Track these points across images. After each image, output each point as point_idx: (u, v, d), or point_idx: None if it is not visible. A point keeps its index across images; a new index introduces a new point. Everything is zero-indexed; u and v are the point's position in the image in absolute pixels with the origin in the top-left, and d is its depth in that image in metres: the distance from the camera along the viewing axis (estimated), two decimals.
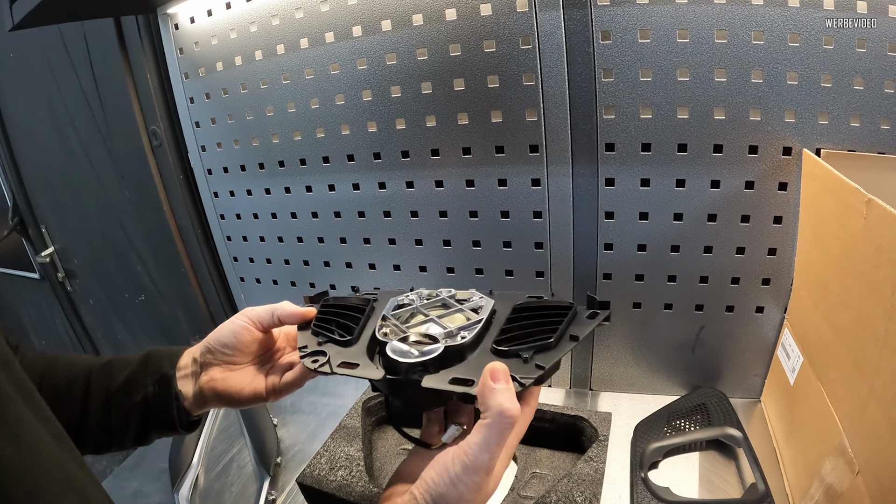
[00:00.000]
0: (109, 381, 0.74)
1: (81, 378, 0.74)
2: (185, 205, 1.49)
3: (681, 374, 1.09)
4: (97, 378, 0.74)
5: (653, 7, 0.83)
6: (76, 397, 0.73)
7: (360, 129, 1.09)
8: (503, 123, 0.98)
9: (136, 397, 0.72)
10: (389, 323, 0.66)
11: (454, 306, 0.68)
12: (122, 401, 0.73)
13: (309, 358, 0.64)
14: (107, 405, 0.73)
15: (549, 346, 0.55)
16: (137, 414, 0.73)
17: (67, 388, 0.73)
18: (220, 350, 0.72)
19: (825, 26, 0.77)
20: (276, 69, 1.13)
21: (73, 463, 0.50)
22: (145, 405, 0.72)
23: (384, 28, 0.98)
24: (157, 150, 1.48)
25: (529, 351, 0.55)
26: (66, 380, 0.74)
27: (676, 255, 0.99)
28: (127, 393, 0.73)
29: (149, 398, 0.72)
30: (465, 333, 0.59)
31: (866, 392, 0.63)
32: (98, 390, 0.74)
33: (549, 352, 0.55)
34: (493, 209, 1.06)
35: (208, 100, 1.26)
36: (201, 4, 1.18)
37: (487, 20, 0.91)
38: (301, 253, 1.31)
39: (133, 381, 0.73)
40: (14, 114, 1.98)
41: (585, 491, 0.81)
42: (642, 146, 0.92)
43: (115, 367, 0.75)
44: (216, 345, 0.72)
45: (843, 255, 0.70)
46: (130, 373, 0.74)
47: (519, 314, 0.63)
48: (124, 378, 0.73)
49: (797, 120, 0.83)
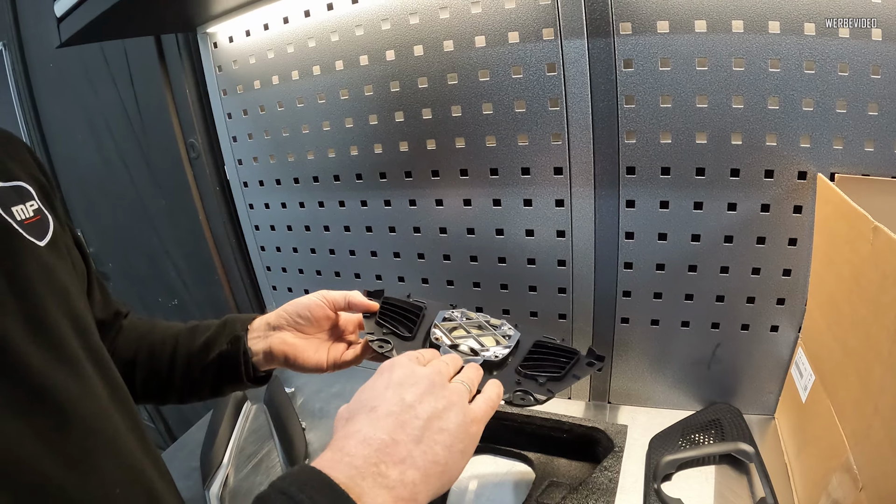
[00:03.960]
0: (192, 342, 0.88)
1: (171, 339, 0.89)
2: (221, 215, 1.56)
3: (697, 389, 1.11)
4: (183, 339, 0.89)
5: (673, 36, 0.87)
6: (167, 354, 0.88)
7: (391, 149, 1.15)
8: (529, 146, 1.02)
9: (212, 354, 0.86)
10: (440, 330, 0.81)
11: (488, 329, 0.84)
12: (202, 357, 0.87)
13: (377, 342, 0.80)
14: (189, 361, 0.87)
15: (558, 377, 0.77)
16: (213, 368, 0.86)
17: (161, 347, 0.88)
18: (294, 318, 0.86)
19: (840, 53, 0.80)
20: (312, 89, 1.19)
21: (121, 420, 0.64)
22: (220, 361, 0.86)
23: (416, 53, 1.04)
24: (194, 161, 1.55)
25: (544, 378, 0.76)
26: (160, 340, 0.89)
27: (694, 274, 1.02)
28: (206, 351, 0.87)
29: (223, 355, 0.86)
30: (499, 353, 0.77)
31: (871, 411, 0.65)
32: (183, 349, 0.88)
33: (557, 382, 0.76)
34: (519, 227, 1.11)
35: (246, 116, 1.33)
36: (240, 25, 1.24)
37: (515, 48, 0.96)
38: (333, 265, 1.37)
39: (211, 341, 0.87)
40: (52, 122, 2.07)
41: (600, 500, 0.85)
42: (662, 170, 0.96)
43: (198, 330, 0.90)
44: (292, 313, 0.86)
45: (853, 279, 0.72)
46: (209, 334, 0.88)
47: (539, 349, 0.82)
48: (204, 339, 0.87)
49: (812, 145, 0.86)
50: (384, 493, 0.47)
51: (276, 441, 1.22)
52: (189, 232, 1.74)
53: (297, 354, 0.84)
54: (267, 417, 1.31)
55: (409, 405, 0.55)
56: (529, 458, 1.03)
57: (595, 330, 1.13)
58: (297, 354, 0.84)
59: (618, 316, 1.10)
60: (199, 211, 1.63)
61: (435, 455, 0.52)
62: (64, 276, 0.67)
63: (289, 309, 0.86)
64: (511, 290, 1.17)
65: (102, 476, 0.58)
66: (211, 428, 1.27)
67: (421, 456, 0.51)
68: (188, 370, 0.87)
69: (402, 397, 0.56)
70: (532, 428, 1.05)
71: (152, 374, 0.87)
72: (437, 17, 1.00)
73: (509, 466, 1.04)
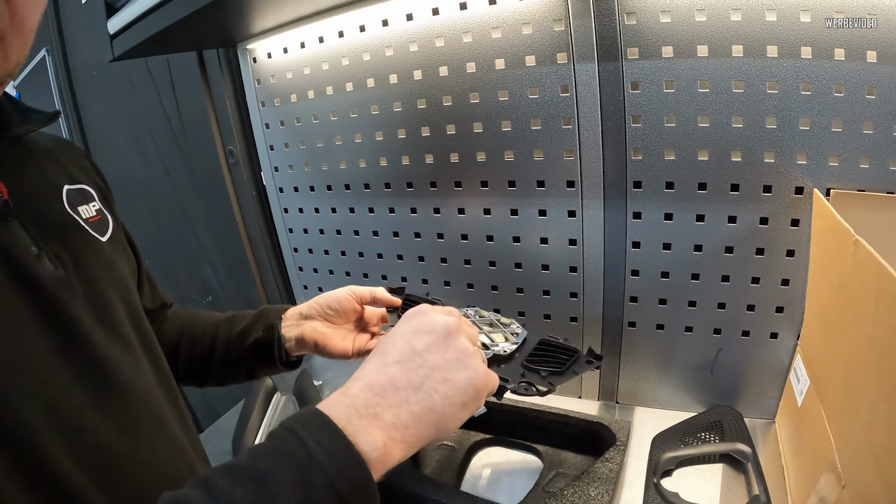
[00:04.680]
0: (231, 329, 0.97)
1: (212, 327, 0.98)
2: (257, 218, 1.65)
3: (700, 392, 1.14)
4: (223, 327, 0.98)
5: (677, 60, 0.92)
6: (207, 340, 0.97)
7: (418, 161, 1.22)
8: (544, 161, 1.08)
9: (249, 340, 0.94)
10: None
11: (499, 326, 0.90)
12: (239, 343, 0.95)
13: None
14: (228, 346, 0.96)
15: (559, 372, 0.82)
16: (249, 353, 0.95)
17: (202, 334, 0.97)
18: (324, 309, 0.93)
19: (835, 76, 0.83)
20: (345, 104, 1.27)
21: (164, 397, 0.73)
22: (255, 346, 0.94)
23: (441, 73, 1.11)
24: (232, 167, 1.64)
25: (546, 372, 0.82)
26: (202, 328, 0.98)
27: (696, 282, 1.05)
28: (243, 337, 0.95)
29: (258, 341, 0.94)
30: (506, 348, 0.83)
31: (853, 413, 0.69)
32: (222, 336, 0.97)
33: (557, 376, 0.82)
34: (534, 236, 1.17)
35: (282, 126, 1.41)
36: (278, 43, 1.33)
37: (531, 70, 1.02)
38: (361, 267, 1.45)
39: (248, 329, 0.95)
40: (95, 125, 2.17)
41: (599, 487, 0.90)
42: (666, 184, 1.00)
43: (236, 319, 0.99)
44: (322, 305, 0.93)
45: (839, 288, 0.76)
46: (247, 323, 0.96)
47: (543, 346, 0.87)
48: (242, 327, 0.96)
49: (809, 162, 0.89)
50: (377, 432, 0.50)
51: None
52: (225, 233, 1.83)
53: (326, 342, 0.91)
54: (296, 407, 1.39)
55: (417, 353, 0.57)
56: (538, 450, 1.08)
57: (604, 333, 1.17)
58: (326, 342, 0.91)
59: (625, 320, 1.15)
60: (236, 214, 1.71)
61: (432, 403, 0.54)
62: (122, 269, 0.76)
63: (320, 301, 0.94)
64: (526, 294, 1.23)
65: (149, 443, 0.66)
66: (243, 415, 1.35)
67: (417, 402, 0.54)
68: (227, 355, 0.96)
69: (413, 346, 0.58)
70: (542, 422, 1.10)
71: (194, 358, 0.96)
72: (461, 41, 1.07)
73: (519, 457, 1.10)
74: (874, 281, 0.62)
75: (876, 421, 0.62)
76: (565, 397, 1.24)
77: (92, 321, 0.64)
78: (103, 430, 0.61)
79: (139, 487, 0.63)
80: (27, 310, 0.57)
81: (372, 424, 0.51)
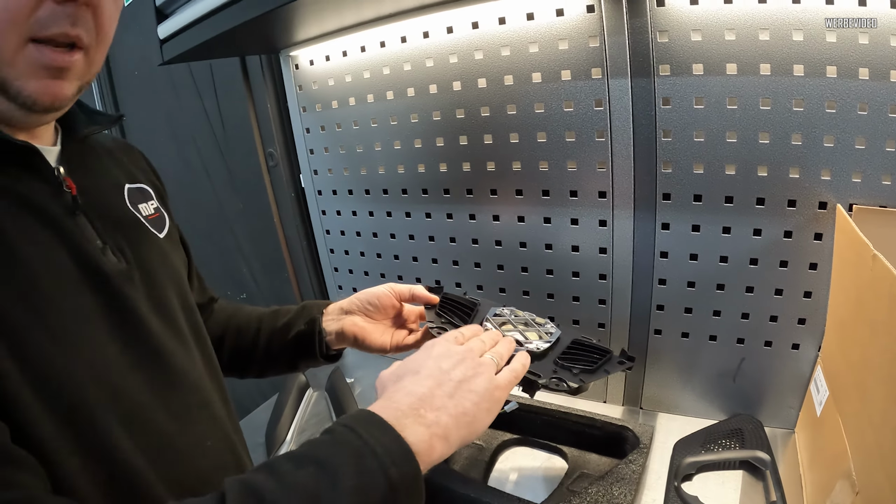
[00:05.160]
0: (274, 323, 1.03)
1: (255, 320, 1.04)
2: (294, 219, 1.72)
3: (722, 400, 1.17)
4: (266, 320, 1.04)
5: (707, 77, 0.96)
6: (251, 333, 1.03)
7: (455, 168, 1.28)
8: (577, 172, 1.13)
9: (291, 333, 1.00)
10: (491, 324, 0.93)
11: (533, 325, 0.95)
12: (282, 336, 1.01)
13: (436, 329, 0.92)
14: (270, 339, 1.02)
15: (590, 370, 0.86)
16: (291, 346, 1.01)
17: (246, 326, 1.03)
18: (364, 304, 0.99)
19: (859, 94, 0.86)
20: (385, 111, 1.33)
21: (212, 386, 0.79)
22: (297, 339, 1.00)
23: (480, 85, 1.17)
24: (272, 170, 1.71)
25: (578, 369, 0.86)
26: (246, 321, 1.04)
27: (721, 292, 1.08)
28: (286, 330, 1.01)
29: (300, 334, 1.00)
30: (540, 345, 0.88)
31: (867, 422, 0.71)
32: (266, 329, 1.03)
33: (589, 374, 0.86)
34: (566, 244, 1.21)
35: (323, 131, 1.49)
36: (320, 51, 1.40)
37: (567, 84, 1.07)
38: (396, 269, 1.51)
39: (290, 322, 1.01)
40: (134, 124, 2.24)
41: (622, 488, 0.94)
42: (694, 196, 1.03)
43: (279, 313, 1.05)
44: (363, 300, 0.99)
45: (857, 301, 0.78)
46: (289, 317, 1.02)
47: (576, 346, 0.92)
48: (285, 321, 1.02)
49: (832, 178, 0.92)
50: (422, 429, 0.59)
51: None
52: (262, 232, 1.89)
53: (366, 336, 0.97)
54: (327, 403, 1.45)
55: (444, 371, 0.67)
56: (564, 451, 1.12)
57: (630, 339, 1.20)
58: (366, 336, 0.97)
59: (651, 327, 1.18)
60: (274, 214, 1.78)
61: (464, 408, 0.63)
62: (177, 264, 0.83)
63: (360, 296, 0.99)
64: (556, 300, 1.27)
65: (198, 429, 0.73)
66: (276, 409, 1.43)
67: (453, 407, 0.63)
68: (269, 347, 1.01)
69: (440, 365, 0.68)
70: (568, 424, 1.14)
71: (238, 349, 1.02)
72: (499, 55, 1.13)
73: (545, 458, 1.14)
74: (889, 294, 0.66)
75: (886, 427, 0.65)
76: (590, 401, 1.28)
77: (150, 312, 0.70)
78: (158, 414, 0.66)
79: (188, 471, 0.69)
80: (94, 299, 0.63)
81: (416, 423, 0.59)
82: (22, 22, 0.53)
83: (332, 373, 1.50)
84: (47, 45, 0.56)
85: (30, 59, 0.56)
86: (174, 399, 0.70)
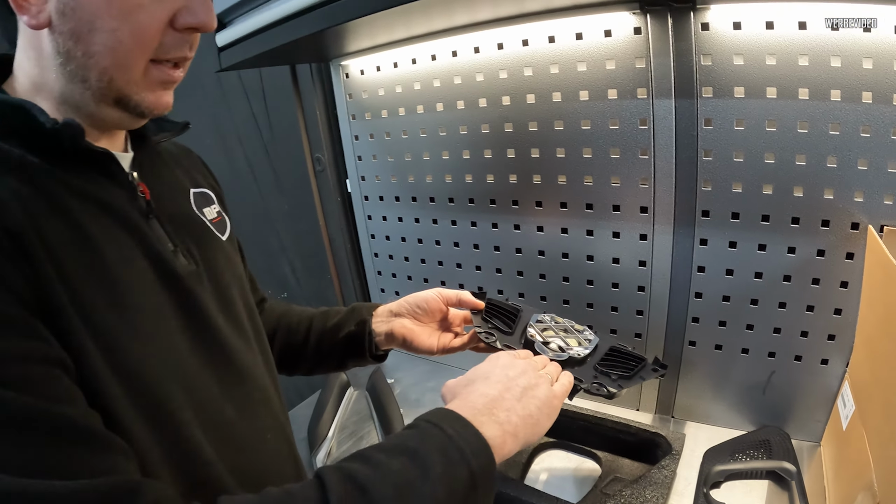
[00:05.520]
0: (325, 323, 1.08)
1: (306, 320, 1.10)
2: (339, 222, 1.79)
3: (751, 411, 1.20)
4: (317, 320, 1.09)
5: (747, 100, 1.00)
6: (302, 332, 1.08)
7: (502, 180, 1.34)
8: (620, 187, 1.18)
9: (341, 334, 1.06)
10: (534, 329, 0.99)
11: (573, 332, 1.01)
12: (331, 336, 1.07)
13: (483, 333, 0.98)
14: (320, 339, 1.07)
15: (627, 377, 0.92)
16: (340, 346, 1.06)
17: (297, 325, 1.09)
18: (413, 307, 1.04)
19: (893, 120, 0.89)
20: (435, 122, 1.40)
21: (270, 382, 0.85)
22: (347, 340, 1.05)
23: (528, 101, 1.23)
24: (319, 174, 1.78)
25: (615, 375, 0.92)
26: (297, 320, 1.10)
27: (755, 307, 1.11)
28: (336, 331, 1.06)
29: (350, 334, 1.05)
30: (581, 352, 0.94)
31: (889, 435, 0.75)
32: (316, 328, 1.08)
33: (626, 380, 0.91)
34: (607, 256, 1.26)
35: (371, 139, 1.56)
36: (371, 61, 1.47)
37: (613, 103, 1.12)
38: (440, 274, 1.58)
39: (341, 323, 1.07)
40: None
41: (654, 492, 0.98)
42: (732, 214, 1.07)
43: (329, 314, 1.10)
44: (412, 303, 1.04)
45: (886, 319, 0.82)
46: (340, 318, 1.08)
47: (613, 353, 0.97)
48: (335, 321, 1.07)
49: (865, 200, 0.95)
50: (496, 426, 0.66)
51: (376, 422, 1.41)
52: (306, 234, 1.96)
53: (414, 338, 1.01)
54: (368, 402, 1.51)
55: (511, 378, 0.74)
56: (598, 455, 1.17)
57: (666, 349, 1.24)
58: (414, 338, 1.01)
59: (686, 339, 1.22)
60: (319, 217, 1.85)
61: (529, 411, 0.71)
62: (238, 265, 0.90)
63: (409, 300, 1.04)
64: (596, 309, 1.32)
65: (260, 423, 0.79)
66: (318, 406, 1.49)
67: (521, 409, 0.70)
68: (319, 346, 1.07)
69: (507, 374, 0.75)
70: (603, 429, 1.18)
71: (288, 347, 1.08)
72: (548, 72, 1.18)
73: (580, 461, 1.19)
74: None
75: None
76: (624, 409, 1.32)
77: (217, 311, 0.76)
78: (226, 407, 0.72)
79: (251, 460, 0.75)
80: (167, 298, 0.68)
81: (491, 421, 0.67)
82: (150, 49, 0.62)
83: (374, 373, 1.57)
84: (165, 64, 0.65)
85: (150, 76, 0.64)
86: (239, 393, 0.75)
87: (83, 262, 0.59)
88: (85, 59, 0.60)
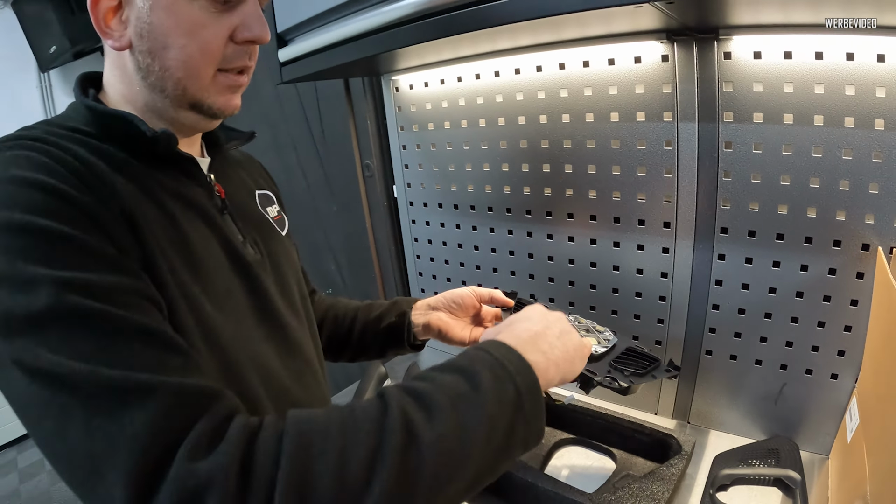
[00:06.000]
0: (368, 314, 1.18)
1: (352, 311, 1.19)
2: (385, 225, 1.89)
3: (763, 421, 1.23)
4: (361, 312, 1.19)
5: (766, 126, 1.05)
6: (347, 322, 1.18)
7: (537, 192, 1.43)
8: (646, 203, 1.24)
9: (383, 324, 1.15)
10: None
11: (594, 332, 1.08)
12: (374, 326, 1.16)
13: None
14: (363, 329, 1.17)
15: (640, 374, 0.97)
16: (382, 336, 1.15)
17: (343, 316, 1.18)
18: (449, 302, 1.12)
19: None
20: (477, 137, 1.49)
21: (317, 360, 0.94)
22: (388, 330, 1.15)
23: (563, 120, 1.31)
24: (368, 179, 1.90)
25: (629, 372, 0.97)
26: (343, 311, 1.19)
27: (769, 320, 1.15)
28: (378, 321, 1.16)
29: (391, 325, 1.14)
30: (598, 349, 1.01)
31: (883, 447, 0.78)
32: (360, 319, 1.17)
33: (639, 377, 0.96)
34: (631, 266, 1.33)
35: (418, 149, 1.65)
36: (419, 78, 1.57)
37: (641, 125, 1.20)
38: (477, 278, 1.67)
39: (383, 314, 1.16)
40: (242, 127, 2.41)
41: (661, 486, 1.04)
42: (749, 232, 1.12)
43: (373, 306, 1.19)
44: (448, 298, 1.12)
45: (889, 337, 0.84)
46: (382, 310, 1.17)
47: (629, 352, 1.03)
48: (378, 313, 1.17)
49: (876, 222, 0.99)
50: (538, 354, 0.72)
51: None
52: (353, 235, 2.08)
53: (448, 329, 1.09)
54: None
55: (549, 323, 0.81)
56: (614, 452, 1.23)
57: (683, 357, 1.29)
58: (448, 329, 1.09)
59: (703, 348, 1.27)
60: (366, 219, 1.96)
61: (566, 350, 0.77)
62: (295, 259, 1.00)
63: (446, 295, 1.12)
64: (619, 316, 1.39)
65: (311, 392, 0.88)
66: (357, 395, 1.56)
67: (560, 346, 0.77)
68: (363, 335, 1.16)
69: (546, 318, 0.82)
70: (620, 428, 1.24)
71: (335, 335, 1.17)
72: (582, 94, 1.27)
73: (596, 458, 1.25)
74: None
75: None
76: (642, 411, 1.39)
77: (278, 295, 0.86)
78: (283, 375, 0.82)
79: None
80: (238, 282, 0.79)
81: (534, 349, 0.73)
82: (216, 60, 0.74)
83: (410, 366, 1.66)
84: (230, 72, 0.77)
85: (218, 83, 0.76)
86: (293, 365, 0.85)
87: (175, 241, 0.70)
88: (162, 72, 0.71)
